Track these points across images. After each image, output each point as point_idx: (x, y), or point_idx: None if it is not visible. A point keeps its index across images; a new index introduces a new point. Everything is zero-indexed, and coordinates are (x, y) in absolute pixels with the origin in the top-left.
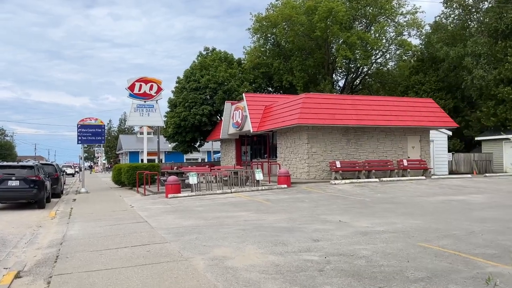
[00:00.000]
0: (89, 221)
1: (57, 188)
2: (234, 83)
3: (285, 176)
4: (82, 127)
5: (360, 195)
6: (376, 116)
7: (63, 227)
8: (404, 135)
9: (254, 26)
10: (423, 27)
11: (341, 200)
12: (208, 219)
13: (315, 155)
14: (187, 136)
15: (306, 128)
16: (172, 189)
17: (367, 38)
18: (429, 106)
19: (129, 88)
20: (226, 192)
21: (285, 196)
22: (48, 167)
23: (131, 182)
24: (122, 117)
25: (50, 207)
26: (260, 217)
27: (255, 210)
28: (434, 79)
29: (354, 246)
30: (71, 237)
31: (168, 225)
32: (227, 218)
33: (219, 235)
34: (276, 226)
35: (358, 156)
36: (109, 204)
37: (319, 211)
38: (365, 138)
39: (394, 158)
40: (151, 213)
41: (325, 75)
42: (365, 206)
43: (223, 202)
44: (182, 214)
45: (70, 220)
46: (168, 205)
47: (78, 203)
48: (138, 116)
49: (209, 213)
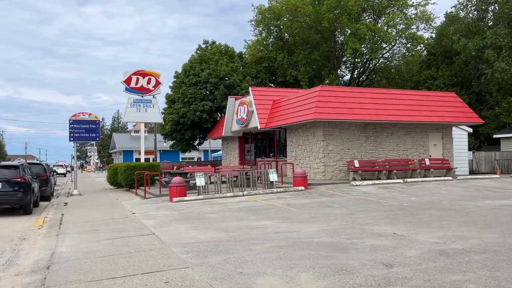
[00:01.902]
0: (83, 233)
1: (47, 190)
2: (236, 77)
3: (301, 177)
4: (74, 123)
5: (391, 198)
6: (396, 111)
7: (51, 241)
8: (426, 132)
9: (257, 18)
10: (433, 20)
11: (375, 205)
12: (229, 231)
13: (332, 153)
14: (186, 134)
15: (322, 123)
16: (177, 191)
17: (378, 30)
18: (452, 101)
19: (125, 82)
20: (238, 194)
21: (307, 200)
22: (36, 167)
23: (129, 183)
24: (116, 115)
25: (38, 213)
26: (291, 227)
27: (281, 218)
28: (447, 74)
29: (448, 275)
30: (61, 257)
31: (182, 239)
32: (252, 230)
33: (254, 256)
34: (319, 241)
35: (377, 154)
36: (106, 210)
37: (360, 220)
38: (385, 135)
39: (415, 157)
40: (157, 222)
41: (331, 69)
42: (409, 213)
43: (237, 207)
44: (194, 223)
45: (60, 230)
46: (175, 211)
47: (70, 208)
48: (135, 112)
49: (227, 221)
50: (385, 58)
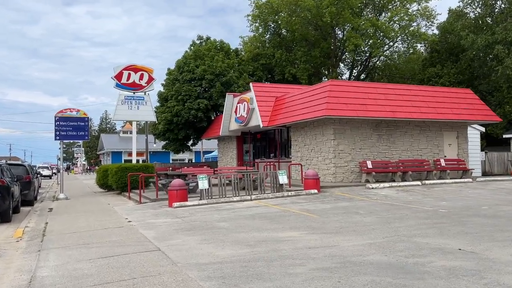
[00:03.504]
0: (71, 248)
1: (29, 194)
2: (233, 74)
3: (313, 179)
4: (61, 120)
5: (419, 203)
6: (411, 107)
7: (31, 260)
8: (440, 130)
9: (253, 13)
10: (435, 17)
11: (406, 211)
12: (251, 245)
13: (342, 153)
14: (179, 134)
15: (332, 121)
16: (177, 196)
17: (382, 25)
18: (467, 97)
19: (116, 77)
20: (245, 199)
21: (325, 205)
22: (17, 168)
23: (120, 186)
24: (103, 115)
25: (18, 221)
26: (325, 240)
27: (307, 228)
28: (453, 71)
29: None
30: (42, 285)
31: (196, 256)
32: (278, 243)
33: (300, 285)
34: (373, 260)
35: (391, 154)
36: (97, 217)
37: (403, 230)
38: (398, 133)
39: (429, 157)
40: (160, 233)
41: (331, 67)
42: (454, 221)
43: (249, 214)
44: (205, 234)
45: (43, 244)
46: (177, 219)
47: (56, 214)
48: (126, 109)
49: (243, 232)
50: (386, 56)
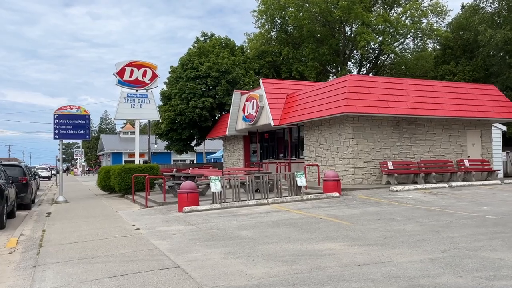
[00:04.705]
0: (72, 263)
1: (26, 197)
2: (239, 71)
3: (334, 181)
4: (60, 118)
5: (457, 208)
6: (434, 104)
7: (25, 279)
8: (463, 129)
9: (260, 8)
10: (446, 13)
11: (447, 217)
12: (286, 261)
13: (362, 153)
14: (183, 134)
15: (351, 119)
16: (188, 199)
17: (395, 20)
18: (492, 94)
19: (118, 74)
20: (262, 203)
21: (353, 210)
22: (13, 169)
23: (124, 188)
24: (103, 116)
25: (12, 227)
26: (374, 255)
27: (345, 239)
28: (468, 68)
29: None
30: None
31: (224, 276)
32: (319, 259)
33: None
34: (449, 284)
35: (412, 155)
36: (100, 223)
37: (460, 242)
38: (420, 132)
39: (452, 158)
40: (175, 244)
41: (340, 64)
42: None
43: (270, 220)
44: (228, 246)
45: (39, 258)
46: (191, 226)
47: (54, 220)
48: (129, 108)
49: (271, 243)
50: (396, 54)
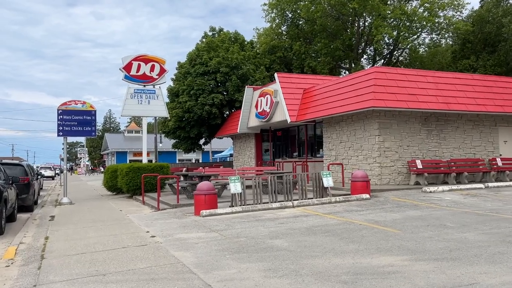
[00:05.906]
0: (80, 281)
1: (28, 199)
2: (250, 67)
3: (363, 181)
4: (64, 114)
5: (509, 211)
6: (465, 98)
7: None
8: (495, 125)
9: (271, 2)
10: (464, 6)
11: (506, 223)
12: (344, 281)
13: (388, 151)
14: (191, 132)
15: (377, 114)
16: (206, 202)
17: (411, 13)
18: None
19: (125, 69)
20: (286, 205)
21: (392, 214)
22: (14, 168)
23: (132, 188)
24: (107, 115)
25: (12, 232)
26: (451, 274)
27: (401, 251)
28: (490, 63)
29: None
30: None
31: None
32: (383, 279)
33: None
34: None
35: (441, 153)
36: (109, 229)
37: None
38: (449, 129)
39: (483, 156)
40: (200, 257)
41: (354, 59)
42: None
43: (303, 226)
44: (263, 259)
45: (40, 273)
46: (214, 233)
47: (58, 224)
48: (136, 104)
49: (316, 257)
50: (410, 49)
